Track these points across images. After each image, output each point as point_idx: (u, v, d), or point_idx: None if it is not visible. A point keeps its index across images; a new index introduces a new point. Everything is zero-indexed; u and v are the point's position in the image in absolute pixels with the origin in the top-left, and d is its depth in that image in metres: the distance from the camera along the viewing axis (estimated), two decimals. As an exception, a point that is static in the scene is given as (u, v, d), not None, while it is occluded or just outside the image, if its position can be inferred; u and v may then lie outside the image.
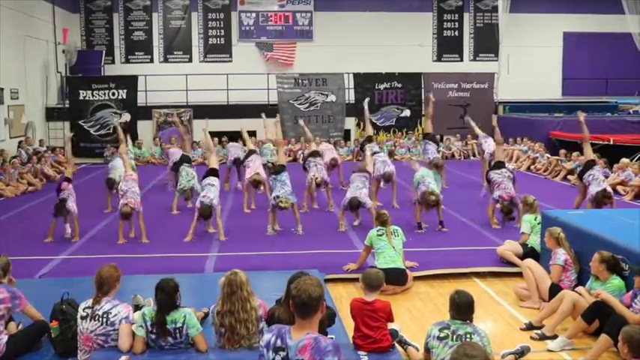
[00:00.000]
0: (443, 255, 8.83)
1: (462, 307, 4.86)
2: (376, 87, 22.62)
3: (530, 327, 6.43)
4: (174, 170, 12.93)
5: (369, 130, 14.32)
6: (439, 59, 24.67)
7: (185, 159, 12.38)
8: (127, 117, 20.85)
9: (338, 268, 8.18)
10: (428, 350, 4.93)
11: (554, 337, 6.09)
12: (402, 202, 12.05)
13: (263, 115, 16.46)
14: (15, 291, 5.54)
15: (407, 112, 22.71)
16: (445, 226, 10.17)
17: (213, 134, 21.06)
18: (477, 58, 24.74)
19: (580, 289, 6.39)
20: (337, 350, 3.37)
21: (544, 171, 16.97)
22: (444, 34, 24.71)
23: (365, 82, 22.56)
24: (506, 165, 11.58)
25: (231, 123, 19.52)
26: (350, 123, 22.32)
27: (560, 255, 6.93)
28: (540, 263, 7.48)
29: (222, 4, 23.65)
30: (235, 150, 14.62)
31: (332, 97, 22.33)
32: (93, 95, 21.23)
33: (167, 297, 5.00)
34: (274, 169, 10.88)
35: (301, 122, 16.59)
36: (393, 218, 8.27)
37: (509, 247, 8.46)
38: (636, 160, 15.01)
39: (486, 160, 13.59)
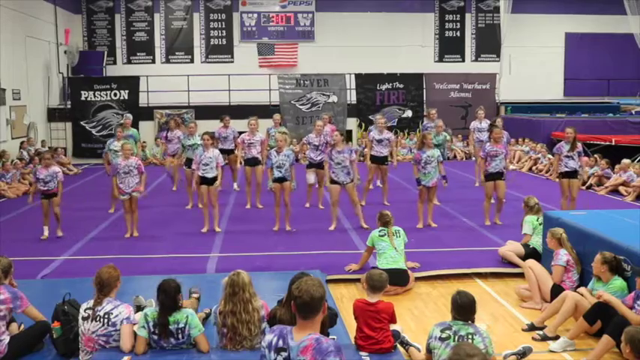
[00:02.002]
0: (444, 256, 8.82)
1: (464, 308, 4.85)
2: (378, 87, 22.63)
3: (531, 328, 6.43)
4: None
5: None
6: (441, 60, 24.69)
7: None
8: (128, 116, 20.82)
9: (339, 268, 8.18)
10: (429, 351, 4.93)
11: (556, 337, 6.09)
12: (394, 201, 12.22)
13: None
14: (16, 292, 5.55)
15: (409, 113, 22.71)
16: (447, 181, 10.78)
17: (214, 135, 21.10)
18: (479, 59, 24.76)
19: (582, 289, 6.38)
20: (339, 351, 3.36)
21: (546, 172, 16.95)
22: (446, 35, 24.73)
23: (366, 82, 22.58)
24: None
25: (232, 124, 19.50)
26: (352, 123, 22.32)
27: (562, 256, 6.92)
28: (542, 264, 7.48)
29: (223, 5, 23.68)
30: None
31: (334, 98, 22.34)
32: (95, 96, 21.27)
33: (169, 298, 5.00)
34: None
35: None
36: (395, 219, 8.26)
37: (510, 248, 8.46)
38: (638, 161, 14.99)
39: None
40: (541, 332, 6.24)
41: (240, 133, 13.17)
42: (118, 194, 9.96)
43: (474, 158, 15.94)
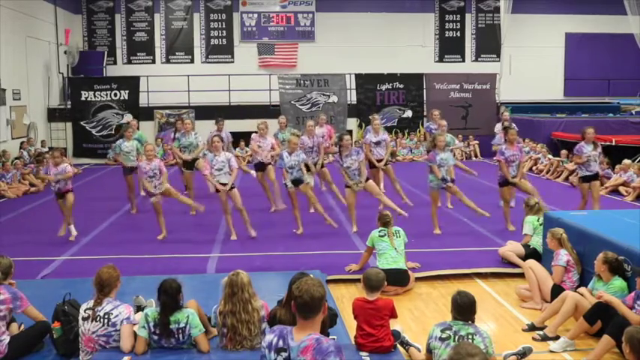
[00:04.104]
0: (445, 256, 8.82)
1: (464, 308, 4.85)
2: (378, 88, 22.63)
3: (532, 328, 6.43)
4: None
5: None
6: (441, 60, 24.69)
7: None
8: (129, 117, 20.84)
9: (340, 268, 8.18)
10: (430, 351, 4.93)
11: (556, 337, 6.09)
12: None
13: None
14: (16, 292, 5.55)
15: (409, 113, 22.72)
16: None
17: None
18: (479, 59, 24.76)
19: (582, 289, 6.38)
20: (339, 351, 3.36)
21: (546, 172, 16.96)
22: (446, 35, 24.73)
23: (367, 82, 22.58)
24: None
25: (233, 124, 19.57)
26: (352, 124, 22.33)
27: (562, 256, 6.92)
28: (542, 264, 7.48)
29: (223, 5, 23.68)
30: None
31: (334, 98, 22.35)
32: (95, 96, 21.27)
33: (170, 298, 5.00)
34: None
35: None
36: (394, 219, 8.25)
37: (511, 248, 8.45)
38: (638, 161, 14.99)
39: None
40: (541, 332, 6.24)
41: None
42: (149, 194, 9.97)
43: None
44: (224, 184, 9.67)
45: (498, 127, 14.29)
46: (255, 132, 12.21)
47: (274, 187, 12.04)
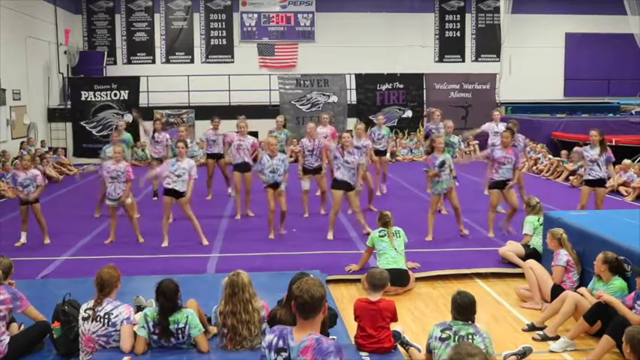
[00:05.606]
0: (445, 256, 8.82)
1: (464, 308, 4.85)
2: (378, 88, 22.63)
3: (532, 328, 6.43)
4: None
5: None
6: (441, 60, 24.70)
7: None
8: (128, 118, 20.81)
9: (340, 268, 8.18)
10: (430, 351, 4.93)
11: (556, 338, 6.09)
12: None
13: None
14: (16, 292, 5.55)
15: (409, 113, 22.73)
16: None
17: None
18: (479, 59, 24.77)
19: (582, 289, 6.38)
20: (339, 351, 3.36)
21: (546, 172, 16.96)
22: (446, 35, 24.74)
23: (367, 82, 22.58)
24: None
25: (233, 124, 19.53)
26: (352, 124, 22.27)
27: (562, 256, 6.92)
28: (542, 264, 7.48)
29: (223, 5, 23.69)
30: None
31: (334, 98, 22.35)
32: (95, 96, 21.27)
33: (168, 300, 5.00)
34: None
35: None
36: (395, 219, 8.24)
37: (511, 248, 8.46)
38: (638, 161, 14.98)
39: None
40: (541, 332, 6.25)
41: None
42: (104, 199, 9.60)
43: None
44: (180, 193, 9.38)
45: (489, 126, 13.61)
46: (237, 131, 11.66)
47: (247, 195, 11.61)
